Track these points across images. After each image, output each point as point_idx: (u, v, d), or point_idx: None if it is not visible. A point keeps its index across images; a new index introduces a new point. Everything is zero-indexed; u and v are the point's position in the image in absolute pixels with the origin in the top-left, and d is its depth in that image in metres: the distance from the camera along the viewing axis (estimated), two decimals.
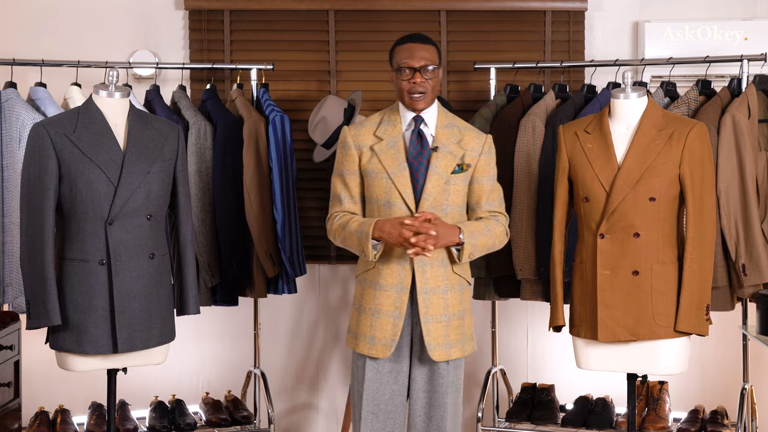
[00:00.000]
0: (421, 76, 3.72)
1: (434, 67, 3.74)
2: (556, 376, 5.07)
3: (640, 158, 3.86)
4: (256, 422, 4.91)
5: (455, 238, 3.68)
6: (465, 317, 3.81)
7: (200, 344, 5.25)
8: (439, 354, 3.73)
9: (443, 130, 3.78)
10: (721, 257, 4.40)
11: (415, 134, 3.76)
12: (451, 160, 3.75)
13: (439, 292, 3.74)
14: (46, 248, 3.75)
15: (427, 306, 3.73)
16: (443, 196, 3.73)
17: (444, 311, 3.74)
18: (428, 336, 3.72)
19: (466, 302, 3.82)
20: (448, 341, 3.74)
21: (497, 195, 3.84)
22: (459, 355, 3.77)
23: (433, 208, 3.72)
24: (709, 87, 4.58)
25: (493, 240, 3.79)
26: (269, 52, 5.12)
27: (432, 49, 3.76)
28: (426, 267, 3.72)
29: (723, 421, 4.73)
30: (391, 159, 3.74)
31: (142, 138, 3.86)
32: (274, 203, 4.69)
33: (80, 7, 5.18)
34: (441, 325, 3.74)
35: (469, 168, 3.76)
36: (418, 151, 3.75)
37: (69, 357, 3.85)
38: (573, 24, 5.14)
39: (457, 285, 3.78)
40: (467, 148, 3.77)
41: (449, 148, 3.75)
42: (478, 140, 3.80)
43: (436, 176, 3.72)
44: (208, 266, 4.68)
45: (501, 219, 3.83)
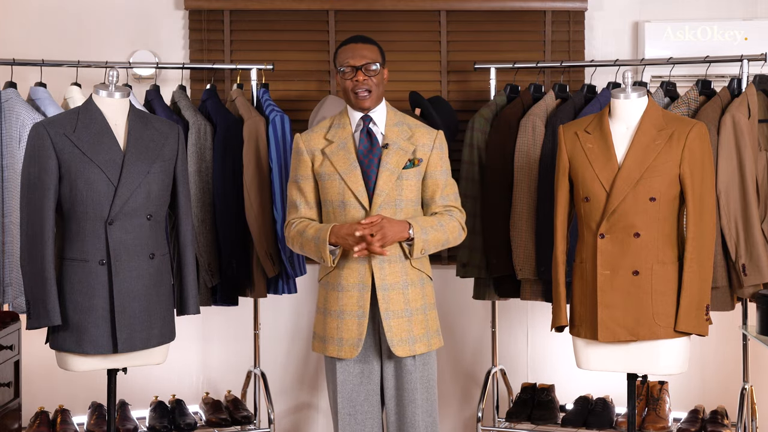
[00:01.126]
0: (363, 74, 3.75)
1: (377, 66, 3.76)
2: (556, 376, 5.07)
3: (641, 158, 3.86)
4: (256, 422, 4.91)
5: (404, 233, 3.69)
6: (429, 312, 3.80)
7: (200, 344, 5.25)
8: (403, 349, 3.72)
9: (393, 128, 3.80)
10: (721, 257, 4.40)
11: (364, 133, 3.79)
12: (403, 156, 3.76)
13: (398, 288, 3.74)
14: (46, 248, 3.75)
15: (387, 302, 3.73)
16: (396, 192, 3.74)
17: (405, 306, 3.74)
18: (390, 332, 3.72)
19: (429, 297, 3.81)
20: (412, 336, 3.74)
21: (451, 190, 3.84)
22: (424, 350, 3.76)
23: (387, 204, 3.73)
24: (709, 87, 4.58)
25: (447, 235, 3.77)
26: (269, 52, 5.13)
27: (373, 48, 3.80)
28: (384, 264, 3.73)
29: (723, 421, 4.73)
30: (342, 160, 3.77)
31: (142, 138, 3.86)
32: (274, 203, 4.69)
33: (80, 7, 5.18)
34: (403, 321, 3.73)
35: (420, 162, 3.77)
36: (368, 149, 3.77)
37: (69, 357, 3.85)
38: (573, 24, 5.14)
39: (417, 280, 3.77)
40: (418, 144, 3.79)
41: (400, 144, 3.77)
42: (429, 135, 3.81)
43: (387, 172, 3.73)
44: (208, 266, 4.68)
45: (456, 214, 3.82)
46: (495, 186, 4.69)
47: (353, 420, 3.81)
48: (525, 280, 4.66)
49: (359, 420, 3.81)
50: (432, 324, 3.81)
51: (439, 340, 3.84)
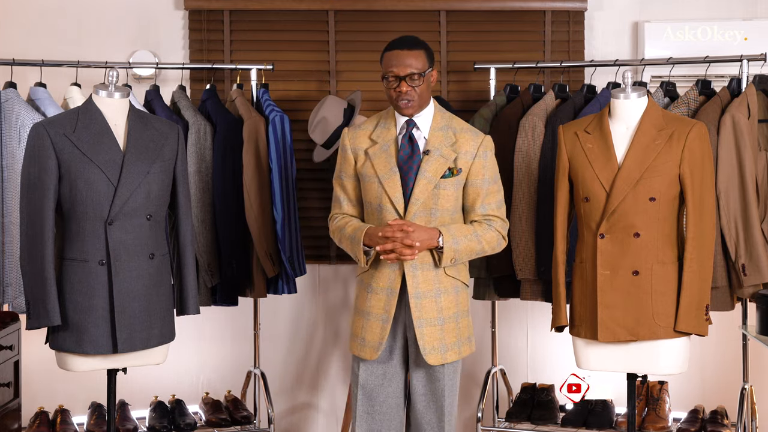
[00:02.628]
0: (407, 84, 3.70)
1: (421, 74, 3.71)
2: (556, 376, 5.07)
3: (640, 158, 3.86)
4: (256, 422, 4.91)
5: (434, 241, 3.67)
6: (461, 320, 3.78)
7: (200, 344, 5.25)
8: (435, 358, 3.72)
9: (437, 132, 3.76)
10: (721, 257, 4.40)
11: (406, 139, 3.75)
12: (443, 164, 3.72)
13: (431, 296, 3.72)
14: (46, 248, 3.75)
15: (419, 310, 3.71)
16: (432, 201, 3.71)
17: (438, 315, 3.72)
18: (422, 340, 3.71)
19: (463, 305, 3.79)
20: (444, 344, 3.73)
21: (494, 198, 3.79)
22: (455, 358, 3.76)
23: (422, 213, 3.70)
24: (709, 87, 4.58)
25: (483, 245, 3.74)
26: (269, 52, 5.12)
27: (419, 54, 3.73)
28: (417, 271, 3.71)
29: (723, 421, 4.73)
30: (383, 163, 3.75)
31: (142, 138, 3.85)
32: (274, 203, 4.69)
33: (80, 7, 5.18)
34: (435, 329, 3.72)
35: (460, 172, 3.73)
36: (409, 155, 3.74)
37: (69, 357, 3.85)
38: (573, 24, 5.14)
39: (451, 288, 3.75)
40: (461, 151, 3.73)
41: (441, 152, 3.72)
42: (474, 142, 3.76)
43: (425, 181, 3.70)
44: (208, 266, 4.68)
45: (496, 223, 3.77)
46: None
47: (371, 419, 3.82)
48: (525, 280, 4.66)
49: (377, 420, 3.82)
50: (464, 331, 3.79)
51: (470, 346, 3.83)
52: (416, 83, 3.71)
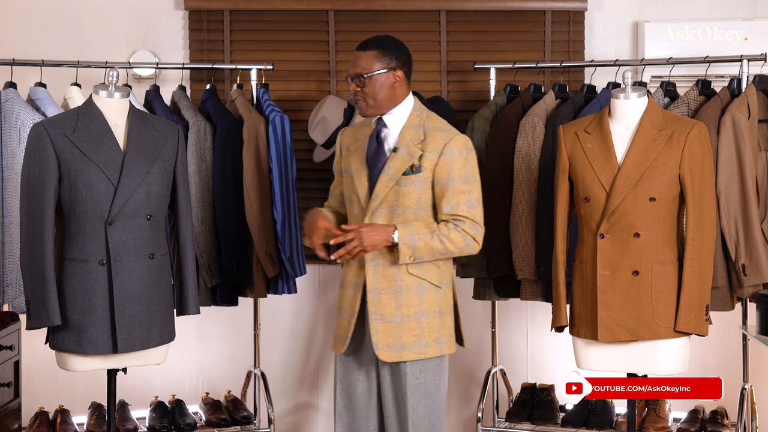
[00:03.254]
0: (355, 84, 3.72)
1: (363, 76, 3.70)
2: (556, 376, 5.06)
3: (640, 158, 3.86)
4: (256, 422, 4.91)
5: (388, 238, 3.64)
6: (426, 320, 3.70)
7: (200, 344, 5.25)
8: (387, 354, 3.68)
9: (409, 130, 3.73)
10: (721, 257, 4.40)
11: (373, 137, 3.76)
12: (406, 162, 3.68)
13: (391, 293, 3.69)
14: (46, 248, 3.75)
15: (376, 305, 3.69)
16: (393, 198, 3.68)
17: (396, 312, 3.68)
18: (375, 335, 3.69)
19: (429, 305, 3.70)
20: (400, 342, 3.68)
21: (464, 198, 3.68)
22: (414, 357, 3.68)
23: (384, 210, 3.69)
24: (709, 87, 4.58)
25: (445, 245, 3.66)
26: (269, 52, 5.12)
27: (370, 55, 3.71)
28: (378, 267, 3.70)
29: (723, 421, 4.73)
30: (356, 160, 3.77)
31: (142, 138, 3.85)
32: (274, 203, 4.69)
33: (80, 8, 5.18)
34: (391, 326, 3.68)
35: (420, 170, 3.67)
36: (375, 152, 3.74)
37: (69, 357, 3.86)
38: (573, 24, 5.14)
39: (413, 286, 3.69)
40: (427, 149, 3.68)
41: (408, 149, 3.69)
42: (441, 140, 3.67)
43: (386, 178, 3.68)
44: (208, 266, 4.68)
45: (464, 224, 3.67)
46: (495, 186, 4.69)
47: (348, 413, 3.82)
48: (525, 280, 4.66)
49: (353, 415, 3.82)
50: (430, 332, 3.71)
51: (437, 348, 3.72)
52: (363, 84, 3.71)
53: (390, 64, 3.73)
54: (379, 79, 3.71)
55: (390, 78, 3.73)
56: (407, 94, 3.78)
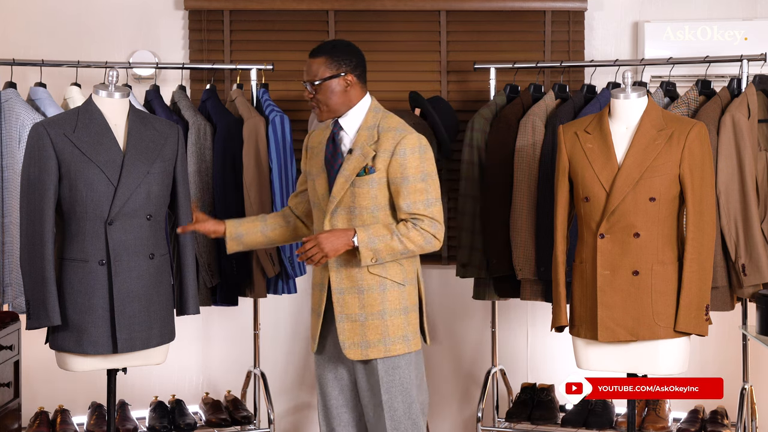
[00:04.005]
0: (308, 90, 3.74)
1: (320, 81, 3.70)
2: (556, 376, 5.07)
3: (640, 158, 3.86)
4: (256, 422, 4.91)
5: (349, 242, 3.65)
6: (391, 318, 3.72)
7: (200, 344, 5.25)
8: (354, 353, 3.72)
9: (364, 132, 3.73)
10: (721, 257, 4.40)
11: (330, 140, 3.78)
12: (360, 162, 3.69)
13: (354, 292, 3.72)
14: (46, 248, 3.75)
15: (341, 305, 3.74)
16: (350, 199, 3.70)
17: (360, 311, 3.72)
18: (342, 335, 3.73)
19: (393, 303, 3.71)
20: (365, 341, 3.71)
21: (420, 197, 3.66)
22: (379, 355, 3.70)
23: (342, 211, 3.71)
24: (709, 87, 4.58)
25: (405, 244, 3.66)
26: (269, 52, 5.12)
27: (319, 62, 3.72)
28: (341, 267, 3.73)
29: (723, 421, 4.73)
30: (316, 163, 3.80)
31: (142, 138, 3.85)
32: (274, 203, 4.69)
33: (80, 8, 5.18)
34: (356, 325, 3.72)
35: (372, 171, 3.68)
36: (332, 155, 3.76)
37: (69, 357, 3.86)
38: (573, 24, 5.14)
39: (375, 285, 3.71)
40: (380, 150, 3.68)
41: (362, 150, 3.70)
42: (393, 140, 3.67)
43: (342, 179, 3.70)
44: (208, 266, 4.68)
45: (422, 222, 3.66)
46: (495, 186, 4.69)
47: (329, 414, 3.86)
48: (525, 280, 4.66)
49: (334, 415, 3.86)
50: (395, 330, 3.72)
51: (405, 345, 3.73)
52: (315, 90, 3.72)
53: (339, 70, 3.73)
54: (329, 85, 3.72)
55: (341, 83, 3.73)
56: (362, 95, 3.77)
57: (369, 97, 3.79)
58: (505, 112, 4.74)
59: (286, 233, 3.98)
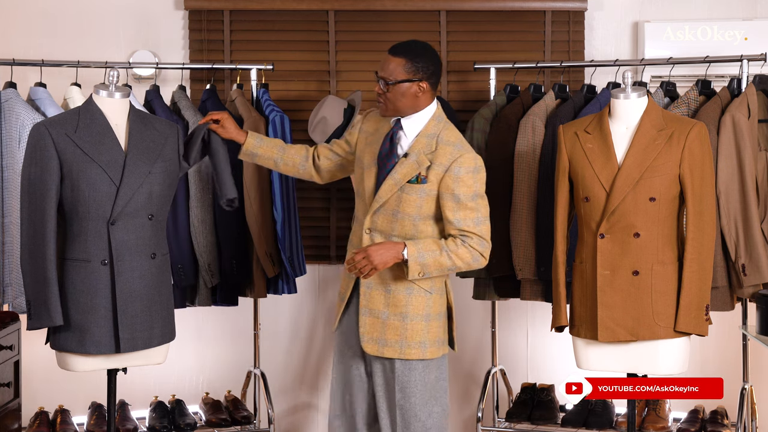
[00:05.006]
0: (380, 85, 3.74)
1: (388, 82, 3.72)
2: (556, 376, 5.07)
3: (640, 158, 3.86)
4: (256, 422, 4.91)
5: (399, 256, 3.68)
6: (412, 322, 3.75)
7: (200, 344, 5.25)
8: (371, 348, 3.78)
9: (423, 138, 3.75)
10: (721, 257, 4.40)
11: (388, 137, 3.79)
12: (413, 169, 3.71)
13: (381, 289, 3.77)
14: (48, 248, 3.74)
15: (367, 299, 3.79)
16: (395, 203, 3.72)
17: (384, 308, 3.76)
18: (362, 327, 3.79)
19: (417, 309, 3.76)
20: (383, 338, 3.76)
21: (472, 215, 3.71)
22: (393, 356, 3.75)
23: (384, 212, 3.73)
24: (709, 87, 4.58)
25: (454, 261, 3.69)
26: (269, 52, 5.12)
27: (398, 62, 3.72)
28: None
29: (723, 421, 4.73)
30: (370, 154, 3.83)
31: (143, 138, 3.85)
32: (274, 203, 4.69)
33: (80, 8, 5.18)
34: (378, 321, 3.77)
35: (424, 182, 3.70)
36: (387, 154, 3.77)
37: (70, 357, 3.85)
38: (573, 24, 5.14)
39: (403, 287, 3.75)
40: (435, 162, 3.70)
41: (418, 158, 3.72)
42: (450, 156, 3.69)
43: (391, 181, 3.72)
44: (208, 266, 4.68)
45: (471, 240, 3.71)
46: (495, 186, 4.68)
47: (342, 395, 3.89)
48: (525, 280, 4.66)
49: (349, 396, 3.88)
50: (412, 335, 3.76)
51: (420, 352, 3.76)
52: (387, 88, 3.73)
53: (416, 75, 3.73)
54: (402, 87, 3.73)
55: (413, 88, 3.74)
56: (430, 102, 3.79)
57: (435, 103, 3.81)
58: (505, 112, 4.74)
59: (296, 171, 4.03)
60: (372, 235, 3.77)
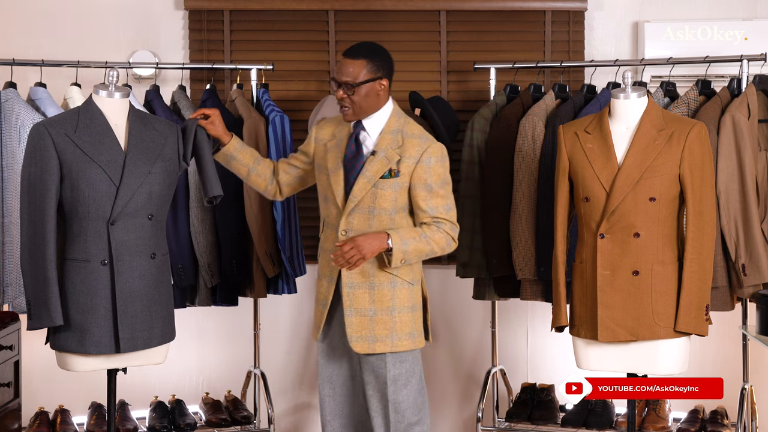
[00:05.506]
0: (343, 91, 3.78)
1: (353, 84, 3.76)
2: (556, 376, 5.07)
3: (640, 158, 3.86)
4: (256, 422, 4.91)
5: (384, 244, 3.74)
6: (399, 315, 3.83)
7: (200, 344, 5.25)
8: (361, 346, 3.82)
9: (388, 135, 3.82)
10: (721, 257, 4.40)
11: (352, 139, 3.85)
12: (384, 165, 3.79)
13: (364, 287, 3.82)
14: (48, 248, 3.74)
15: (351, 299, 3.83)
16: (370, 200, 3.79)
17: (369, 306, 3.82)
18: (350, 328, 3.82)
19: (402, 300, 3.83)
20: (372, 335, 3.81)
21: (442, 201, 3.81)
22: (385, 350, 3.81)
23: (360, 210, 3.80)
24: (709, 87, 4.58)
25: (431, 246, 3.79)
26: (269, 52, 5.12)
27: (359, 64, 3.77)
28: None
29: (723, 421, 4.73)
30: (333, 158, 3.86)
31: (143, 138, 3.85)
32: (274, 203, 4.69)
33: (80, 8, 5.18)
34: (365, 319, 3.81)
35: (398, 175, 3.79)
36: (353, 155, 3.84)
37: (70, 357, 3.85)
38: (573, 24, 5.14)
39: (386, 282, 3.82)
40: (405, 155, 3.79)
41: (386, 153, 3.80)
42: (419, 148, 3.79)
43: (364, 180, 3.79)
44: (208, 266, 4.68)
45: (445, 225, 3.80)
46: (495, 186, 4.69)
47: (332, 401, 3.95)
48: (525, 280, 4.66)
49: (338, 401, 3.95)
50: (401, 326, 3.83)
51: (411, 342, 3.84)
52: (350, 92, 3.77)
53: (377, 74, 3.81)
54: (366, 88, 3.80)
55: (376, 87, 3.81)
56: (388, 99, 3.88)
57: (392, 100, 3.89)
58: (505, 112, 4.74)
59: (262, 185, 4.05)
60: (348, 236, 3.81)
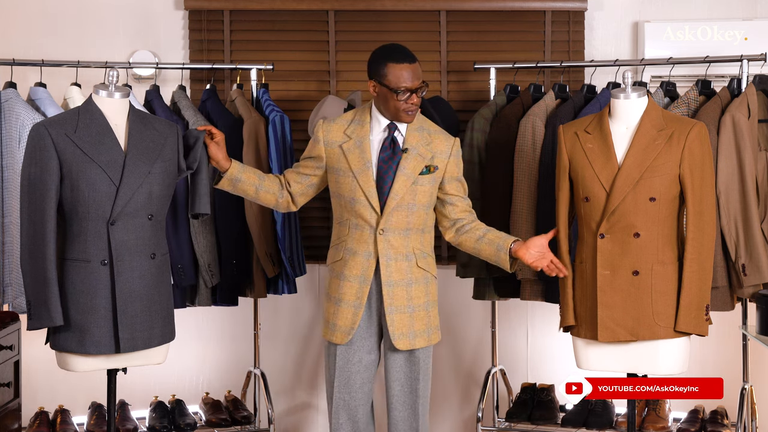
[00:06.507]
0: (417, 96, 3.85)
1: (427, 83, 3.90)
2: (556, 376, 5.07)
3: (640, 158, 3.86)
4: (256, 422, 4.91)
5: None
6: (431, 309, 3.95)
7: (200, 344, 5.25)
8: (404, 343, 3.88)
9: (414, 133, 3.90)
10: (721, 257, 4.40)
11: (388, 140, 3.88)
12: (420, 162, 3.87)
13: (402, 285, 3.88)
14: (48, 249, 3.74)
15: (391, 297, 3.87)
16: (410, 196, 3.86)
17: (408, 303, 3.88)
18: (392, 326, 3.87)
19: (432, 295, 3.96)
20: (413, 331, 3.89)
21: (467, 192, 4.00)
22: (424, 344, 3.91)
23: (400, 208, 3.85)
24: (709, 87, 4.58)
25: None
26: (269, 52, 5.12)
27: (419, 65, 3.89)
28: (390, 261, 3.87)
29: (723, 421, 4.73)
30: (357, 158, 3.87)
31: (143, 138, 3.85)
32: None
33: (80, 8, 5.18)
34: (405, 316, 3.88)
35: (436, 170, 3.88)
36: (390, 155, 3.87)
37: (70, 357, 3.85)
38: (573, 24, 5.14)
39: (421, 278, 3.91)
40: (436, 151, 3.90)
41: (419, 150, 3.87)
42: (447, 143, 3.92)
43: (404, 177, 3.85)
44: (208, 266, 4.68)
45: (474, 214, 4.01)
46: (495, 186, 4.69)
47: (347, 406, 3.95)
48: (525, 280, 4.66)
49: (353, 407, 3.95)
50: (433, 320, 3.95)
51: (438, 335, 4.00)
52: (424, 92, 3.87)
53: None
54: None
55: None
56: None
57: None
58: (505, 112, 4.74)
59: (272, 201, 4.02)
60: (386, 234, 3.85)
